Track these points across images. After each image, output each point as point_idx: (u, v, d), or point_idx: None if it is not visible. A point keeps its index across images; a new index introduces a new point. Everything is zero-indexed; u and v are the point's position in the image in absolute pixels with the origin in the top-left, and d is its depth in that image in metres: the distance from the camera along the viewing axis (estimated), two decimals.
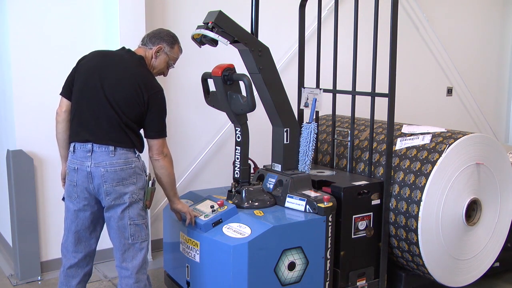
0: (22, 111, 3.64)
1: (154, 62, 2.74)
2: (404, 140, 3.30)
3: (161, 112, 2.64)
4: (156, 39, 2.74)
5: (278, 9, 4.60)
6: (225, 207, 2.83)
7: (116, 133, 2.56)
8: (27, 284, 3.68)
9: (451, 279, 3.26)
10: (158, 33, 2.78)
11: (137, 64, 2.66)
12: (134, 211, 2.61)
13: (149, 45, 2.73)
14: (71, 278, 2.75)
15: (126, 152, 2.57)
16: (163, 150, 2.64)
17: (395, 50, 3.08)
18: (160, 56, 2.74)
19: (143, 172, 2.65)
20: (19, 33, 3.58)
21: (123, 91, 2.56)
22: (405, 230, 3.11)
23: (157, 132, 2.63)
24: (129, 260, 2.63)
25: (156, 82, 2.66)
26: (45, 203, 3.78)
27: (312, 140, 3.14)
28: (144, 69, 2.68)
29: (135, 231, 2.62)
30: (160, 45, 2.73)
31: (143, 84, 2.58)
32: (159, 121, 2.63)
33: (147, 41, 2.75)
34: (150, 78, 2.66)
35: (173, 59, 2.81)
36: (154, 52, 2.72)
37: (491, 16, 6.45)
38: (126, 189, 2.57)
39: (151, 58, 2.73)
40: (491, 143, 3.29)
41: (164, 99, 2.65)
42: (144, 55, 2.71)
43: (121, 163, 2.56)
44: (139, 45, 2.78)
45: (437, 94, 6.10)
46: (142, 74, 2.63)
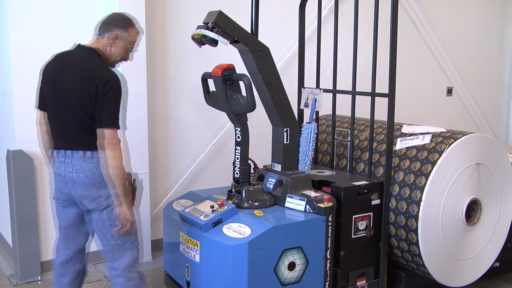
0: (22, 111, 3.64)
1: (111, 50, 2.63)
2: (404, 140, 3.30)
3: (112, 100, 2.48)
4: (109, 26, 2.61)
5: (278, 9, 4.60)
6: (225, 207, 2.83)
7: (81, 136, 2.52)
8: (27, 284, 3.68)
9: (451, 279, 3.26)
10: (111, 18, 2.65)
11: (87, 57, 2.56)
12: (112, 212, 2.57)
13: (103, 34, 2.61)
14: (62, 276, 2.76)
15: (96, 156, 2.52)
16: (114, 140, 2.48)
17: (395, 50, 3.08)
18: (117, 42, 2.62)
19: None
20: (19, 33, 3.58)
21: (75, 91, 2.49)
22: (405, 230, 3.11)
23: (109, 122, 2.48)
24: (117, 260, 2.64)
25: (106, 70, 2.53)
26: (45, 203, 3.78)
27: (312, 140, 3.14)
28: (94, 60, 2.56)
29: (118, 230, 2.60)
30: (114, 32, 2.60)
31: (92, 76, 2.47)
32: (109, 109, 2.48)
33: (101, 30, 2.63)
34: (97, 67, 2.52)
35: (131, 43, 2.67)
36: (109, 40, 2.60)
37: (491, 16, 6.45)
38: (100, 192, 2.54)
39: (108, 46, 2.61)
40: (491, 143, 3.29)
41: (116, 87, 2.50)
42: (96, 46, 2.60)
43: (92, 167, 2.53)
44: (93, 35, 2.67)
45: (437, 94, 6.10)
46: (90, 66, 2.52)
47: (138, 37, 2.71)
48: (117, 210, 2.55)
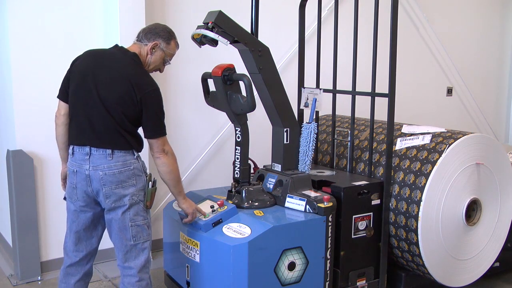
0: (22, 111, 3.64)
1: (149, 59, 2.67)
2: (404, 140, 3.30)
3: (157, 111, 2.56)
4: (151, 35, 2.65)
5: (278, 9, 4.60)
6: (225, 207, 2.83)
7: (112, 135, 2.52)
8: (27, 284, 3.68)
9: (451, 279, 3.26)
10: (154, 28, 2.69)
11: (130, 62, 2.59)
12: (134, 212, 2.58)
13: (144, 41, 2.65)
14: (70, 276, 2.74)
15: (124, 155, 2.54)
16: (163, 148, 2.58)
17: (395, 50, 3.08)
18: (156, 52, 2.66)
19: (143, 173, 2.62)
20: (19, 33, 3.58)
21: (116, 92, 2.50)
22: (405, 230, 3.11)
23: (155, 132, 2.57)
24: (132, 260, 2.62)
25: (149, 80, 2.59)
26: (45, 203, 3.78)
27: (312, 140, 3.14)
28: (137, 67, 2.60)
29: (137, 232, 2.60)
30: (156, 41, 2.65)
31: (135, 84, 2.50)
32: (155, 120, 2.56)
33: (142, 37, 2.67)
34: (143, 76, 2.58)
35: (169, 55, 2.73)
36: (149, 48, 2.64)
37: (491, 16, 6.45)
38: (125, 191, 2.55)
39: (147, 54, 2.66)
40: (491, 143, 3.29)
41: (159, 97, 2.57)
42: (138, 52, 2.64)
43: (119, 165, 2.53)
44: (134, 41, 2.70)
45: (437, 94, 6.10)
46: (135, 73, 2.56)
47: (176, 51, 2.78)
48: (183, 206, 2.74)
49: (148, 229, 2.66)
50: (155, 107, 2.55)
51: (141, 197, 2.60)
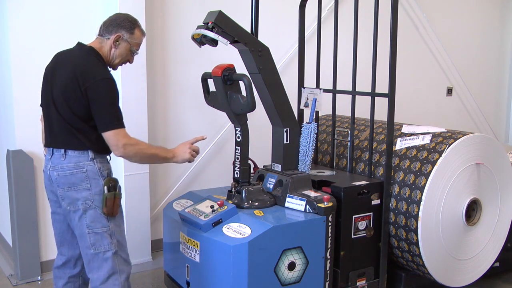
0: (22, 111, 3.64)
1: (114, 52, 2.54)
2: (404, 140, 3.30)
3: (105, 102, 2.37)
4: (112, 27, 2.53)
5: (278, 9, 4.60)
6: (225, 207, 2.83)
7: (65, 135, 2.44)
8: (27, 284, 3.68)
9: (451, 279, 3.26)
10: (115, 19, 2.56)
11: (80, 56, 2.47)
12: (91, 219, 2.46)
13: (106, 35, 2.53)
14: (58, 279, 2.73)
15: (77, 155, 2.44)
16: (118, 143, 2.38)
17: (395, 50, 3.08)
18: (120, 44, 2.54)
19: (100, 177, 2.47)
20: (19, 33, 3.58)
21: (64, 89, 2.42)
22: (405, 230, 3.11)
23: (104, 125, 2.38)
24: (95, 271, 2.50)
25: (98, 70, 2.42)
26: (45, 203, 3.77)
27: (312, 140, 3.14)
28: (88, 58, 2.46)
29: (96, 240, 2.47)
30: (118, 33, 2.52)
31: (80, 75, 2.38)
32: (104, 111, 2.37)
33: (103, 30, 2.54)
34: (90, 66, 2.42)
35: (135, 45, 2.59)
36: (112, 41, 2.52)
37: (491, 16, 6.45)
38: (78, 194, 2.44)
39: (110, 48, 2.53)
40: (491, 143, 3.29)
41: (109, 86, 2.39)
42: (98, 47, 2.52)
43: (71, 167, 2.43)
44: (96, 35, 2.59)
45: (437, 94, 6.10)
46: (81, 63, 2.43)
47: (142, 38, 2.64)
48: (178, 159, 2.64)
49: (110, 238, 2.49)
50: (102, 98, 2.37)
51: (97, 203, 2.46)
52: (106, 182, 2.47)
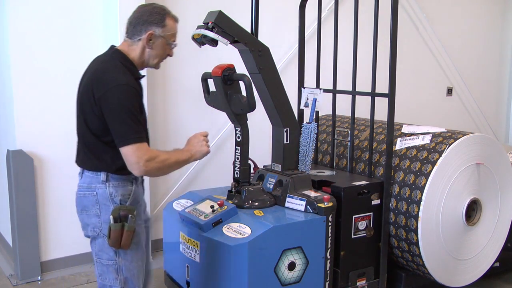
0: (22, 111, 3.64)
1: (150, 53, 2.24)
2: (404, 140, 3.30)
3: (119, 111, 2.05)
4: (141, 26, 2.20)
5: (278, 9, 4.60)
6: (225, 207, 2.83)
7: (81, 152, 2.22)
8: (27, 284, 3.68)
9: (451, 279, 3.25)
10: (140, 16, 2.22)
11: (104, 59, 2.22)
12: (99, 247, 2.21)
13: (135, 36, 2.21)
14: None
15: (91, 176, 2.18)
16: (139, 160, 2.05)
17: (395, 50, 3.08)
18: (155, 42, 2.23)
19: (111, 203, 2.17)
20: (19, 33, 3.58)
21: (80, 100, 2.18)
22: (405, 230, 3.11)
23: (119, 139, 2.07)
24: None
25: (114, 75, 2.10)
26: (45, 203, 3.78)
27: (312, 140, 3.14)
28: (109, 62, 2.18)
29: (102, 271, 2.24)
30: (149, 31, 2.20)
31: (95, 82, 2.10)
32: (118, 123, 2.05)
33: (131, 32, 2.22)
34: (106, 72, 2.13)
35: (171, 37, 2.28)
36: (145, 42, 2.21)
37: (491, 16, 6.45)
38: (88, 219, 2.20)
39: (143, 50, 2.23)
40: (491, 143, 3.28)
41: (123, 93, 2.05)
42: (127, 50, 2.23)
43: (84, 188, 2.19)
44: (124, 37, 2.28)
45: (437, 94, 6.10)
46: (100, 69, 2.15)
47: (177, 26, 2.31)
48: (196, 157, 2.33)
49: (116, 273, 2.20)
50: (115, 107, 2.05)
51: (105, 231, 2.17)
52: (114, 211, 2.14)
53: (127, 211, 2.15)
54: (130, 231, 2.14)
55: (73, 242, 3.93)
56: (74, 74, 3.78)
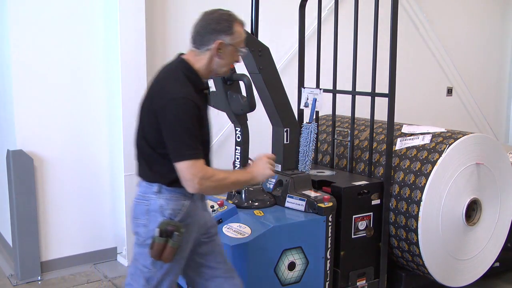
0: (22, 111, 3.64)
1: (219, 62, 2.15)
2: (404, 140, 3.30)
3: (175, 125, 2.00)
4: (210, 35, 2.11)
5: (278, 9, 4.59)
6: (225, 207, 2.83)
7: (138, 162, 2.21)
8: (27, 284, 3.68)
9: (451, 279, 3.25)
10: (208, 24, 2.12)
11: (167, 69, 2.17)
12: (139, 251, 2.18)
13: (203, 47, 2.12)
14: None
15: (146, 186, 2.15)
16: (193, 177, 1.99)
17: (395, 50, 3.08)
18: (224, 51, 2.13)
19: (160, 215, 2.10)
20: (19, 33, 3.58)
21: (141, 109, 2.18)
22: (405, 230, 3.10)
23: (175, 153, 2.02)
24: None
25: (173, 87, 2.06)
26: (45, 203, 3.78)
27: (312, 140, 3.14)
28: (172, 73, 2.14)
29: (135, 272, 2.19)
30: (219, 40, 2.10)
31: (155, 92, 2.08)
32: (174, 138, 2.01)
33: (199, 42, 2.13)
34: (166, 83, 2.09)
35: (240, 44, 2.17)
36: (215, 51, 2.12)
37: (491, 16, 6.45)
38: (137, 228, 2.17)
39: (211, 59, 2.14)
40: (491, 143, 3.28)
41: (179, 108, 1.99)
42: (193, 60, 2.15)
43: (139, 196, 2.17)
44: (191, 47, 2.18)
45: (437, 94, 6.10)
46: (161, 78, 2.14)
47: (244, 30, 2.20)
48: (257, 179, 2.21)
49: (146, 282, 2.14)
50: (172, 120, 2.00)
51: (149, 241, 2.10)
52: (161, 225, 2.07)
53: (174, 228, 2.08)
54: (174, 248, 2.07)
55: (73, 242, 3.93)
56: (74, 74, 3.81)
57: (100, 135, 3.95)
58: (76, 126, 3.84)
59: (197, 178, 1.99)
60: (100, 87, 3.91)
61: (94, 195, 3.98)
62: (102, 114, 3.94)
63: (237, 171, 2.30)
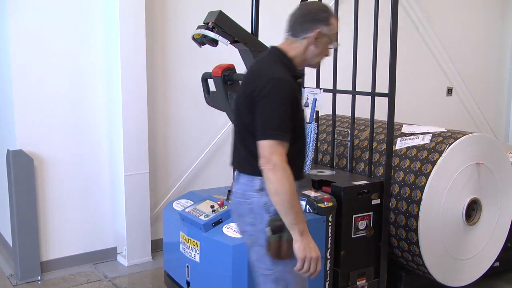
0: (22, 111, 3.64)
1: (314, 51, 2.15)
2: (404, 140, 3.30)
3: (271, 104, 1.94)
4: (310, 24, 2.12)
5: (278, 9, 4.59)
6: (225, 207, 2.83)
7: (238, 154, 2.13)
8: (27, 284, 3.68)
9: (451, 278, 3.25)
10: (307, 13, 2.15)
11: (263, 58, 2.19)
12: (256, 256, 2.12)
13: (301, 34, 2.13)
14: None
15: (246, 182, 2.07)
16: (270, 157, 1.90)
17: (395, 50, 3.08)
18: (321, 40, 2.14)
19: (265, 212, 2.04)
20: (20, 33, 3.58)
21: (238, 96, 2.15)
22: (405, 230, 3.10)
23: (261, 132, 1.95)
24: None
25: (271, 68, 2.06)
26: (45, 203, 3.78)
27: (312, 140, 3.14)
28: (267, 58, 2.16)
29: (263, 281, 2.12)
30: (318, 29, 2.10)
31: (251, 78, 2.07)
32: (265, 115, 1.95)
33: (298, 30, 2.14)
34: (264, 66, 2.11)
35: (334, 36, 2.18)
36: (313, 39, 2.12)
37: (491, 16, 6.45)
38: (244, 227, 2.12)
39: (306, 48, 2.14)
40: (491, 142, 3.29)
41: (278, 86, 1.96)
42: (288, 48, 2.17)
43: (239, 195, 2.09)
44: (287, 36, 2.21)
45: (437, 94, 6.10)
46: (258, 64, 2.16)
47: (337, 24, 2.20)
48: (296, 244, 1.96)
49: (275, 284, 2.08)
50: (266, 98, 1.95)
51: (262, 241, 2.05)
52: (270, 222, 2.01)
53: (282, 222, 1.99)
54: (290, 242, 1.98)
55: (73, 242, 3.93)
56: (74, 74, 3.81)
57: (100, 135, 3.95)
58: (76, 126, 3.84)
59: (273, 159, 1.91)
60: (100, 87, 3.91)
61: (94, 195, 3.99)
62: (102, 114, 3.94)
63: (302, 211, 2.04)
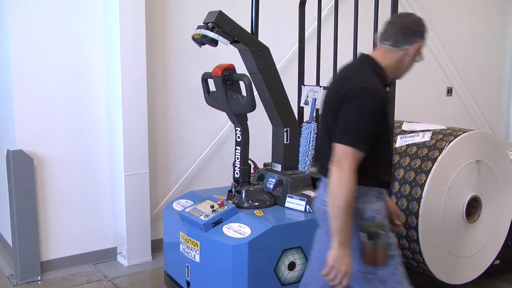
0: (22, 111, 3.64)
1: (407, 63, 2.16)
2: (404, 138, 3.30)
3: (355, 111, 1.95)
4: (412, 36, 2.11)
5: (278, 9, 4.60)
6: (225, 207, 2.83)
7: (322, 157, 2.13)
8: (27, 284, 3.68)
9: (451, 276, 3.25)
10: (409, 25, 2.12)
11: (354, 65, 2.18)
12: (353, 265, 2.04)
13: (402, 45, 2.11)
14: None
15: None
16: (340, 159, 1.93)
17: None
18: (417, 53, 2.17)
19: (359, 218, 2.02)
20: (19, 33, 3.58)
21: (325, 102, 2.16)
22: (405, 228, 3.11)
23: (340, 133, 1.97)
24: None
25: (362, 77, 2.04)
26: (45, 203, 3.78)
27: (312, 140, 3.14)
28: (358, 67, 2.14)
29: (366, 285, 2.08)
30: (419, 43, 2.12)
31: (340, 85, 2.06)
32: (345, 120, 1.96)
33: (400, 40, 2.11)
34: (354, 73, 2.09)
35: (422, 49, 2.21)
36: (411, 52, 2.13)
37: (491, 16, 6.45)
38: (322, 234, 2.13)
39: (403, 58, 2.13)
40: (491, 140, 3.29)
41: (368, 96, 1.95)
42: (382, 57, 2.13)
43: (325, 202, 2.03)
44: (380, 43, 2.16)
45: (437, 94, 6.10)
46: (348, 70, 2.14)
47: None
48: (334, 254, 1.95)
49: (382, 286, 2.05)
50: (352, 105, 1.95)
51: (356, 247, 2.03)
52: (365, 228, 2.01)
53: (378, 227, 2.01)
54: (385, 248, 2.00)
55: (73, 242, 3.93)
56: (74, 74, 3.82)
57: (100, 135, 3.95)
58: (76, 126, 3.85)
59: (344, 165, 1.91)
60: (100, 87, 3.91)
61: (94, 195, 3.99)
62: (102, 114, 3.95)
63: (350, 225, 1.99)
